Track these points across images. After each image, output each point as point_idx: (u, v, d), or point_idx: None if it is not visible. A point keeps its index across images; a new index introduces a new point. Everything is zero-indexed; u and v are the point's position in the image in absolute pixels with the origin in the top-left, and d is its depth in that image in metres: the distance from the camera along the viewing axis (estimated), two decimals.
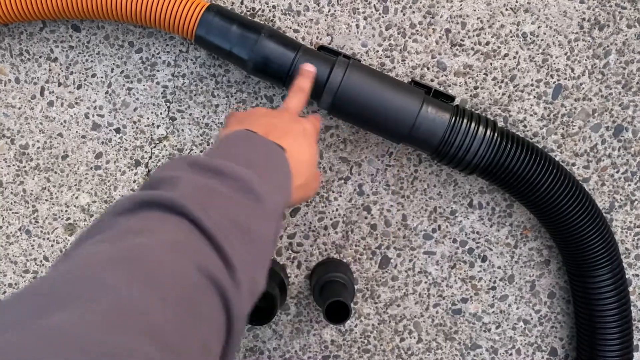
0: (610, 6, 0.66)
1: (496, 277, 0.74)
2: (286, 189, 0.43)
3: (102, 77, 0.67)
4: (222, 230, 0.32)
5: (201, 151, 0.69)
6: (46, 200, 0.70)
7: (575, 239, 0.67)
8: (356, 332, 0.75)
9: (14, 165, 0.69)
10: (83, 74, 0.67)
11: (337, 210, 0.71)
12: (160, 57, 0.66)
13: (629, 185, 0.71)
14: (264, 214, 0.37)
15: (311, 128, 0.52)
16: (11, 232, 0.71)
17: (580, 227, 0.66)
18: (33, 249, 0.72)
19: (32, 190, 0.70)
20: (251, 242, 0.35)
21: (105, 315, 0.23)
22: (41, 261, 0.72)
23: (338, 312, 0.64)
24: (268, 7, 0.65)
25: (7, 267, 0.72)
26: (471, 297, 0.75)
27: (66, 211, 0.70)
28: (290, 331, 0.75)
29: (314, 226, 0.72)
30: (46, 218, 0.71)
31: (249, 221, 0.35)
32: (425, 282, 0.74)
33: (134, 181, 0.69)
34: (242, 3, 0.65)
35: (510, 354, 0.76)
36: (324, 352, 0.76)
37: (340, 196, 0.71)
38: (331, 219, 0.72)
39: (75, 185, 0.69)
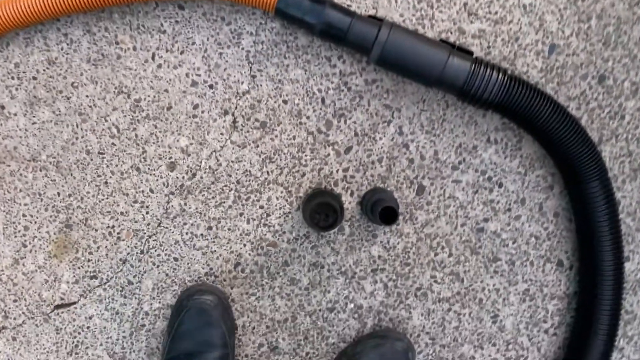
0: None
1: (511, 200, 0.92)
2: None
3: (200, 45, 0.87)
4: None
5: (275, 102, 0.88)
6: (153, 143, 0.89)
7: (574, 161, 0.85)
8: (398, 249, 0.93)
9: (129, 115, 0.88)
10: (185, 42, 0.87)
11: (381, 147, 0.90)
12: (245, 28, 0.86)
13: (613, 122, 0.90)
14: None
15: None
16: (124, 169, 0.90)
17: (576, 151, 0.84)
18: (142, 183, 0.90)
19: (142, 135, 0.89)
20: None
21: None
22: (147, 193, 0.90)
23: (388, 218, 0.82)
24: None
25: (120, 198, 0.90)
26: (491, 217, 0.92)
27: (169, 152, 0.89)
28: (345, 248, 0.92)
29: (363, 161, 0.90)
30: (153, 157, 0.89)
31: None
32: (454, 206, 0.92)
33: (223, 127, 0.89)
34: None
35: (525, 266, 0.94)
36: (372, 265, 0.93)
37: (384, 136, 0.90)
38: (377, 155, 0.90)
39: (177, 130, 0.89)
